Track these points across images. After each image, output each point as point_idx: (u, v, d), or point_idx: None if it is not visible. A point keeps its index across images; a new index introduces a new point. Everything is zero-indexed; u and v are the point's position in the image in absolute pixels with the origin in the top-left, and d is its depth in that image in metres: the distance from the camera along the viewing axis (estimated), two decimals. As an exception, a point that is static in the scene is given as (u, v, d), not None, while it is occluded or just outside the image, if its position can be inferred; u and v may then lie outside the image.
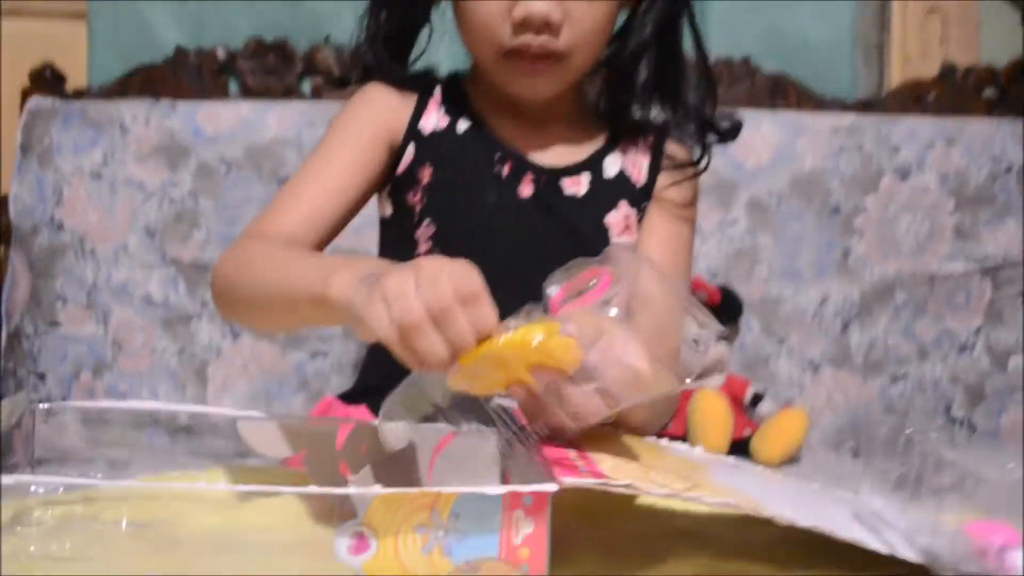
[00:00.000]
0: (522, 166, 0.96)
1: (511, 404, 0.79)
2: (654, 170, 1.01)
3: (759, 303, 1.63)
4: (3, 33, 1.82)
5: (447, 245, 0.93)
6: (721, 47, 1.75)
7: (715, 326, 0.65)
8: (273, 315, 0.80)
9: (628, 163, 1.01)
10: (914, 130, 1.71)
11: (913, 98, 1.85)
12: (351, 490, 0.55)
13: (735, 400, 1.50)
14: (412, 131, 0.97)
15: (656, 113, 1.01)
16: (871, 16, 1.93)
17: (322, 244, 0.92)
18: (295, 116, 1.64)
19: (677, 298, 0.66)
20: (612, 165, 1.00)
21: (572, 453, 0.69)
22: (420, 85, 0.99)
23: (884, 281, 1.65)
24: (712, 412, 1.42)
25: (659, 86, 0.98)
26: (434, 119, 0.97)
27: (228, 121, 1.64)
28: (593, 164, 0.99)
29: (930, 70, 1.89)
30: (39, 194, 1.59)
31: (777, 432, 1.43)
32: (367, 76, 0.99)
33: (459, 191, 0.95)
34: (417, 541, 0.54)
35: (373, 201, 1.01)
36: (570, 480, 0.56)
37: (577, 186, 0.98)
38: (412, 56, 1.01)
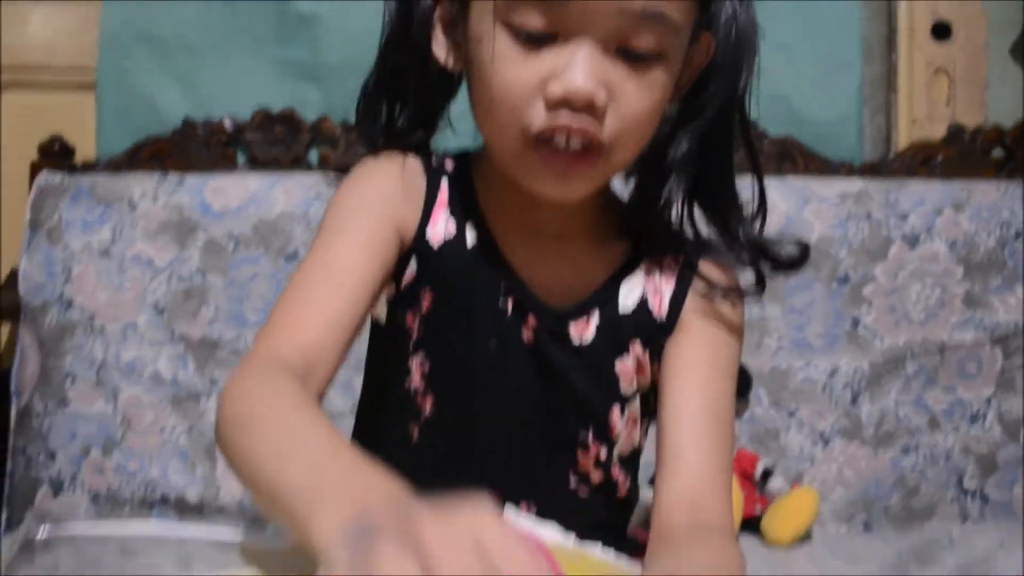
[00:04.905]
0: (527, 303, 0.85)
1: None
2: (678, 299, 0.86)
3: (768, 375, 1.62)
4: (10, 105, 1.83)
5: (440, 388, 0.87)
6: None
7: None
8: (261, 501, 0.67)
9: (650, 288, 0.86)
10: (922, 195, 1.71)
11: (921, 160, 1.85)
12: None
13: (745, 476, 1.49)
14: (420, 240, 0.84)
15: (690, 229, 0.86)
16: (878, 78, 1.94)
17: (343, 352, 0.81)
18: (303, 189, 1.65)
19: None
20: (631, 293, 0.86)
21: None
22: (428, 173, 0.86)
23: (894, 352, 1.64)
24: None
25: (703, 197, 0.85)
26: (442, 225, 0.85)
27: (236, 196, 1.64)
28: (607, 297, 0.86)
29: (937, 131, 1.89)
30: (48, 271, 1.60)
31: (787, 513, 1.42)
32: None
33: (460, 328, 0.86)
34: None
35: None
36: None
37: (585, 330, 0.85)
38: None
